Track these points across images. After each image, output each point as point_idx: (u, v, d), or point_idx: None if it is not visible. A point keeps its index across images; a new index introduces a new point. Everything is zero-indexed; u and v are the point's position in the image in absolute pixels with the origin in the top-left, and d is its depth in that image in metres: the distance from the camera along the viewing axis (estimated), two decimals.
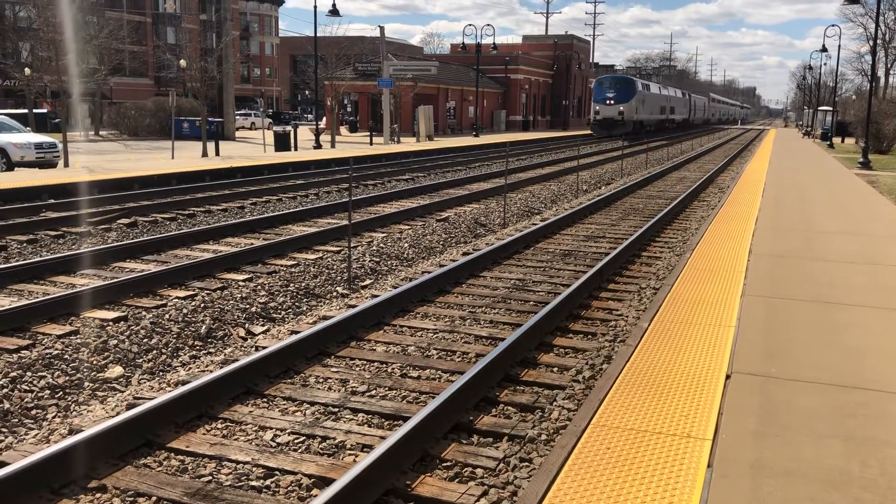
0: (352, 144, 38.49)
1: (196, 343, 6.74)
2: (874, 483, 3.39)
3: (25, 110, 43.21)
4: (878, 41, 30.60)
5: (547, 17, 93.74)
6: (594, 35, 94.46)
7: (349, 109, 58.05)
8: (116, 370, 5.98)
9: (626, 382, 4.58)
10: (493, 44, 56.66)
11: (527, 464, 4.34)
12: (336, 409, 5.13)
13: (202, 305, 7.53)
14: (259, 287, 8.34)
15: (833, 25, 60.92)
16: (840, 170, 24.06)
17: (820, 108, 61.17)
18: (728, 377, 4.67)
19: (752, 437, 3.83)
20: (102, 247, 10.19)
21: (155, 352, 6.41)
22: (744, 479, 3.39)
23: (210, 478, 4.21)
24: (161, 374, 6.07)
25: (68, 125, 28.13)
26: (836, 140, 47.17)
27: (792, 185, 17.58)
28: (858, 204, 14.43)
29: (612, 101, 50.11)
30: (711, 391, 4.45)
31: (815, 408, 4.22)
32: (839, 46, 55.97)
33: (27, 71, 39.15)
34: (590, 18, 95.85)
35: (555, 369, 5.96)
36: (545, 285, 8.77)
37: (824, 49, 50.70)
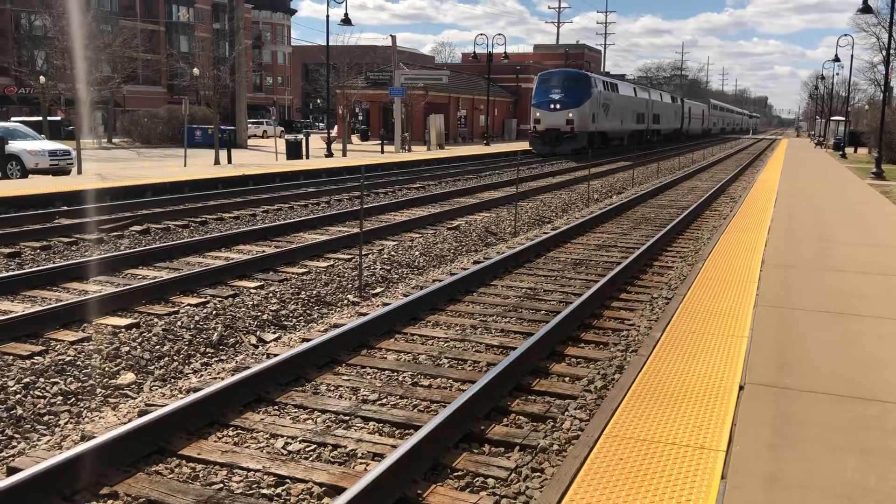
0: (363, 153, 38.62)
1: (208, 350, 6.76)
2: (890, 497, 3.35)
3: (40, 118, 43.54)
4: (892, 51, 30.45)
5: (558, 27, 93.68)
6: (605, 44, 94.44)
7: (360, 118, 58.30)
8: (128, 377, 6.00)
9: (639, 393, 4.56)
10: (504, 53, 56.60)
11: (539, 474, 4.32)
12: (347, 418, 5.13)
13: (214, 313, 7.55)
14: (270, 295, 8.35)
15: (845, 35, 60.80)
16: (853, 179, 23.93)
17: (832, 118, 60.93)
18: (741, 388, 4.64)
19: (766, 448, 3.79)
20: (115, 254, 10.25)
21: (167, 359, 6.43)
22: (758, 492, 3.36)
23: (221, 485, 4.21)
24: (173, 381, 6.08)
25: (81, 133, 28.34)
26: (849, 150, 46.97)
27: (804, 194, 17.49)
28: (872, 214, 14.33)
29: (558, 106, 35.53)
30: (725, 402, 4.42)
31: (830, 420, 4.18)
32: (851, 56, 55.89)
33: (42, 79, 39.57)
34: (601, 28, 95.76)
35: (566, 379, 5.93)
36: (557, 294, 8.75)
37: (837, 59, 50.71)
